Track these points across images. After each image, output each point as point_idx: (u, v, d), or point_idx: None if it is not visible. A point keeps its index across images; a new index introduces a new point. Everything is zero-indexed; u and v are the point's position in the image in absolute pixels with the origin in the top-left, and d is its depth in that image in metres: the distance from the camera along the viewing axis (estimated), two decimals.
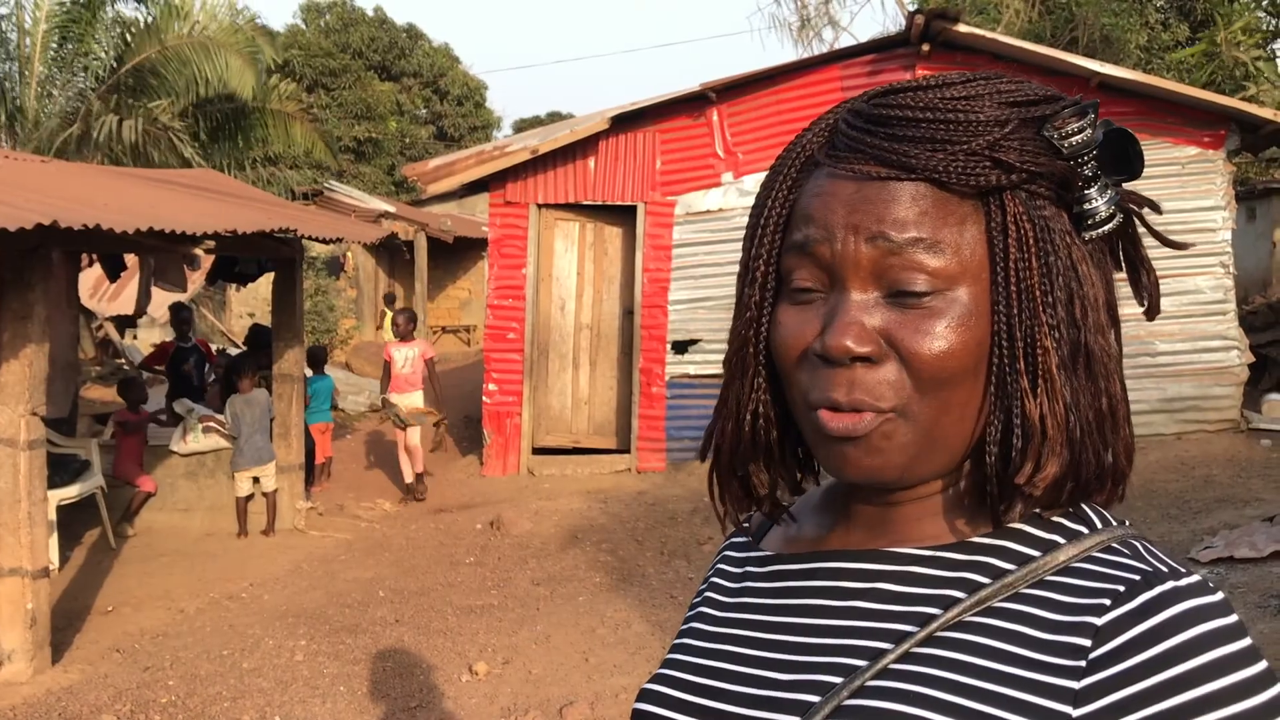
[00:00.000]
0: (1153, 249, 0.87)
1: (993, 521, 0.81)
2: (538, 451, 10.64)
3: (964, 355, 0.77)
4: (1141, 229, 0.86)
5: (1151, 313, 0.87)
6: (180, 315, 10.58)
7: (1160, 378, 9.63)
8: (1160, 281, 0.86)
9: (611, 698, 5.00)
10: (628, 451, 10.42)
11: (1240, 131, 9.78)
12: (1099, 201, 0.79)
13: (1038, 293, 0.77)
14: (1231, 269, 9.72)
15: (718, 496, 0.92)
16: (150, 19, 13.57)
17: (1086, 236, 0.80)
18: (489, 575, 7.27)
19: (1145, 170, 0.80)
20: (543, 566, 7.43)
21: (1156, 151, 9.52)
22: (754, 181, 9.93)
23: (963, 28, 9.53)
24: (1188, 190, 9.61)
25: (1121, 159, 0.79)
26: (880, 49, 10.28)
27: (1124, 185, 0.82)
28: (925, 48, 9.76)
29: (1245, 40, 14.73)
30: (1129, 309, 0.87)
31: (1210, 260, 9.64)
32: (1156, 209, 0.84)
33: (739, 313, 0.86)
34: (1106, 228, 0.80)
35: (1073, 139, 0.77)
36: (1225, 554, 6.08)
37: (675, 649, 0.94)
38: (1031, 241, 0.77)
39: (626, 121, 10.22)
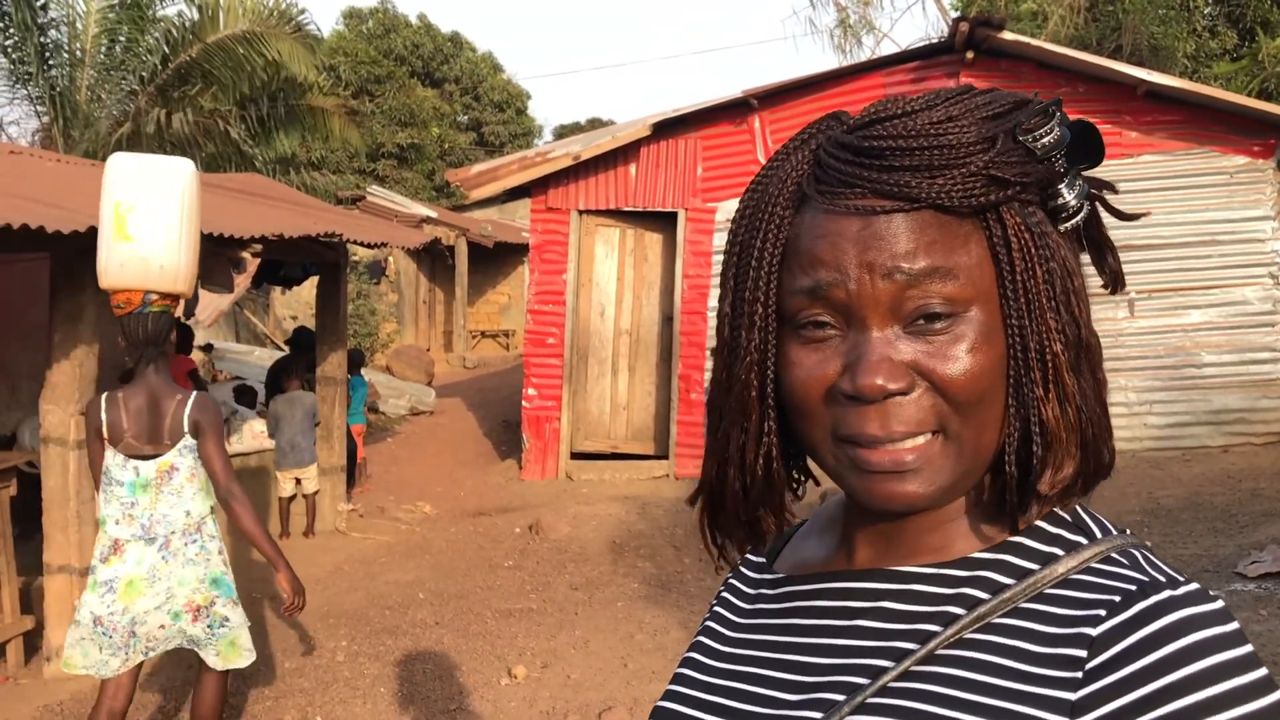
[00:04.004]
0: (1202, 266, 0.88)
1: (1009, 527, 0.82)
2: (576, 456, 10.67)
3: (992, 372, 0.78)
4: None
5: (1116, 289, 0.88)
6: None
7: (1207, 389, 9.50)
8: (1207, 291, 0.86)
9: (650, 703, 4.99)
10: (666, 457, 10.43)
11: None
12: (1070, 195, 0.80)
13: (1044, 299, 0.78)
14: None
15: (718, 543, 0.91)
16: (195, 19, 13.79)
17: (1061, 229, 0.81)
18: (528, 579, 7.31)
19: (1193, 180, 0.80)
20: (581, 571, 7.45)
21: (1204, 160, 9.32)
22: None
23: (1007, 35, 9.46)
24: (1235, 199, 9.44)
25: (1086, 149, 0.80)
26: (924, 56, 10.23)
27: (1085, 173, 0.83)
28: (969, 55, 9.71)
29: None
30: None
31: (1259, 270, 9.46)
32: (1114, 190, 0.86)
33: (733, 356, 0.85)
34: (1078, 218, 0.81)
35: (1043, 140, 0.78)
36: (1273, 569, 5.99)
37: (686, 664, 0.94)
38: (1033, 250, 0.78)
39: (668, 128, 10.24)
